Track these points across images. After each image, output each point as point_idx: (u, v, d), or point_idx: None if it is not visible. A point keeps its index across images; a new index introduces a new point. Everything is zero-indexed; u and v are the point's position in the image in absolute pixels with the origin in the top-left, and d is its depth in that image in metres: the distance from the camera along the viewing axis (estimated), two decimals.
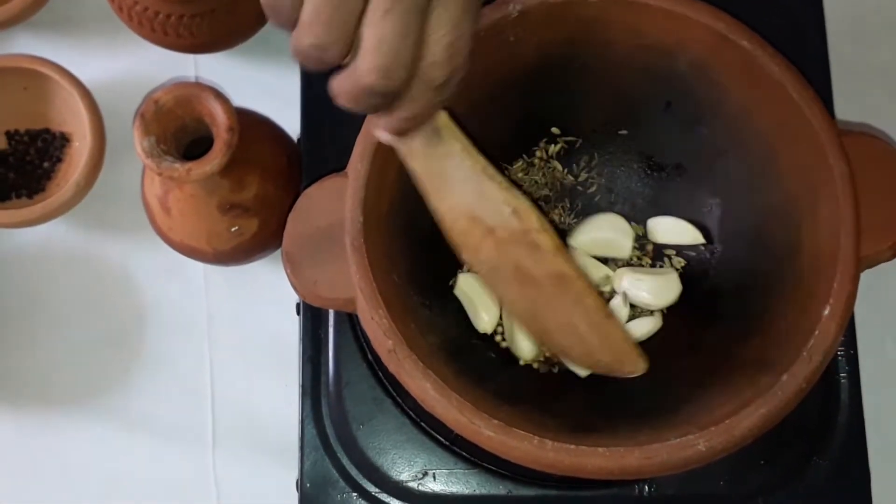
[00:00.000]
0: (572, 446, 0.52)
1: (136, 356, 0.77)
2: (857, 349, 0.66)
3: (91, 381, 0.76)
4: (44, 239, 0.78)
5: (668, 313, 0.65)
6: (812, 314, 0.55)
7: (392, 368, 0.55)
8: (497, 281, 0.57)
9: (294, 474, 0.67)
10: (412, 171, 0.53)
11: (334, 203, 0.57)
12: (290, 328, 0.73)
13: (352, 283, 0.55)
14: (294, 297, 0.72)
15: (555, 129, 0.67)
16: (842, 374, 0.65)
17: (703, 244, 0.66)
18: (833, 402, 0.65)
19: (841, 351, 0.65)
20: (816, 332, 0.54)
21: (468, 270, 0.65)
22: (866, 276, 0.57)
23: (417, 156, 0.52)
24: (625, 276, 0.65)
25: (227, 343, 0.77)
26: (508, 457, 0.53)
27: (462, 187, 0.54)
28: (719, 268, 0.65)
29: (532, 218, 0.55)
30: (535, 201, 0.68)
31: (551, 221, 0.67)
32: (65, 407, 0.76)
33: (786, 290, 0.58)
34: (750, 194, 0.62)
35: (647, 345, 0.64)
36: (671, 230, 0.67)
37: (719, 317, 0.63)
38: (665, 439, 0.53)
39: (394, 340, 0.54)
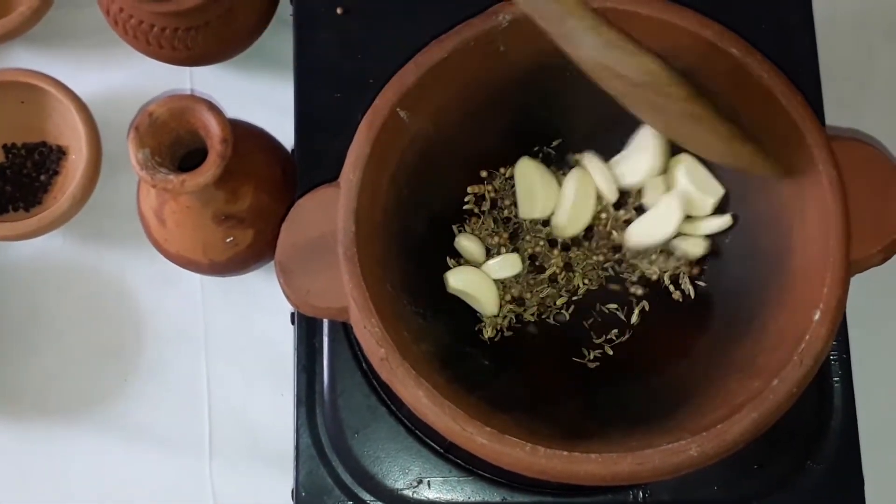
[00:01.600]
0: (564, 453, 0.53)
1: (132, 367, 0.77)
2: (850, 353, 0.66)
3: (88, 391, 0.77)
4: (40, 251, 0.79)
5: (660, 320, 0.65)
6: (802, 319, 0.55)
7: (385, 377, 0.55)
8: (628, 101, 0.58)
9: (291, 483, 0.67)
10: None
11: (326, 213, 0.57)
12: (287, 338, 0.73)
13: (344, 293, 0.56)
14: (289, 307, 0.72)
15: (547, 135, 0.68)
16: (835, 379, 0.66)
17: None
18: (826, 407, 0.65)
19: (834, 355, 0.66)
20: (807, 337, 0.54)
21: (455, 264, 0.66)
22: (858, 281, 0.58)
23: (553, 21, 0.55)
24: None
25: (224, 353, 0.77)
26: (501, 463, 0.54)
27: (591, 51, 0.55)
28: (710, 273, 0.65)
29: (663, 76, 0.55)
30: None
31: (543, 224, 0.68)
32: (62, 417, 0.76)
33: (776, 295, 0.58)
34: (741, 199, 0.62)
35: (640, 349, 0.64)
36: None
37: (711, 322, 0.63)
38: (657, 445, 0.53)
39: (386, 349, 0.55)
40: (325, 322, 0.66)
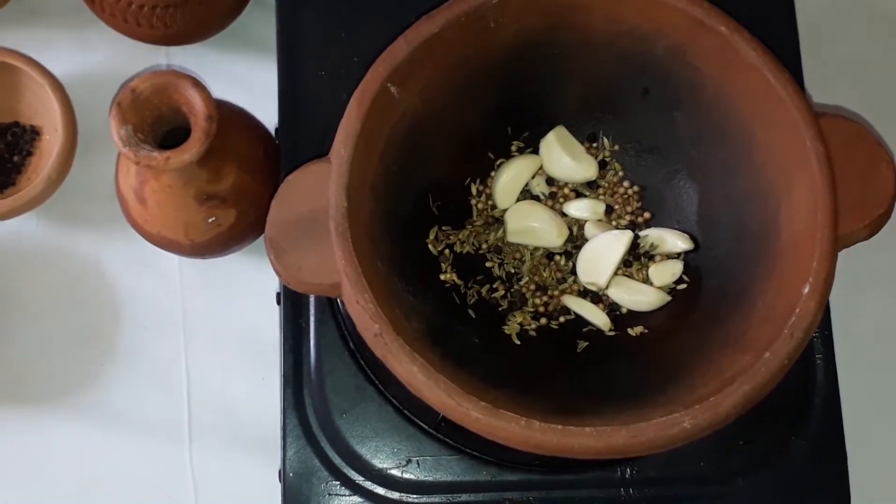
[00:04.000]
0: (559, 426, 0.53)
1: (110, 352, 0.76)
2: (832, 330, 0.67)
3: (65, 377, 0.75)
4: (14, 234, 0.77)
5: None
6: (792, 293, 0.56)
7: (379, 353, 0.54)
8: None
9: (273, 468, 0.66)
10: None
11: (317, 188, 0.57)
12: (267, 321, 0.73)
13: (336, 268, 0.55)
14: (272, 289, 0.71)
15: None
16: (817, 356, 0.66)
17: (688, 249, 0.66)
18: (810, 383, 0.66)
19: (816, 333, 0.66)
20: (797, 310, 0.55)
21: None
22: (839, 258, 0.58)
23: None
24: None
25: (203, 337, 0.76)
26: (496, 438, 0.53)
27: None
28: (700, 250, 0.65)
29: None
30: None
31: None
32: (38, 405, 0.75)
33: (766, 271, 0.59)
34: (728, 177, 0.63)
35: (628, 328, 0.65)
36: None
37: (701, 298, 0.63)
38: (650, 418, 0.53)
39: (380, 324, 0.54)
40: (312, 302, 0.66)
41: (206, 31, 0.77)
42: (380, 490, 0.63)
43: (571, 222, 0.67)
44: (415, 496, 0.63)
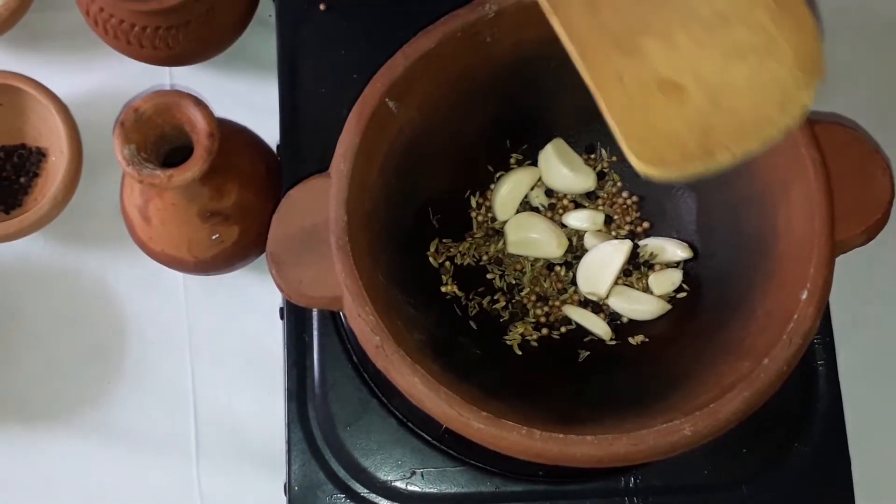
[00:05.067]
0: (561, 435, 0.53)
1: (116, 370, 0.76)
2: (833, 337, 0.67)
3: (72, 395, 0.76)
4: (21, 254, 0.78)
5: None
6: (790, 299, 0.56)
7: (380, 365, 0.55)
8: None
9: (279, 483, 0.67)
10: None
11: (318, 203, 0.57)
12: (272, 336, 0.73)
13: (337, 282, 0.56)
14: (276, 304, 0.72)
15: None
16: (819, 362, 0.67)
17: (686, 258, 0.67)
18: (812, 390, 0.66)
19: (817, 339, 0.67)
20: (796, 317, 0.55)
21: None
22: (839, 264, 0.59)
23: None
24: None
25: (209, 353, 0.77)
26: (498, 448, 0.54)
27: None
28: (699, 259, 0.66)
29: None
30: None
31: None
32: (46, 423, 0.75)
33: (764, 278, 0.59)
34: (725, 185, 0.63)
35: (629, 337, 0.65)
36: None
37: (701, 306, 0.64)
38: (651, 426, 0.54)
39: (381, 337, 0.55)
40: (315, 316, 0.66)
41: (209, 51, 0.78)
42: (384, 503, 0.63)
43: (571, 233, 0.68)
44: None
